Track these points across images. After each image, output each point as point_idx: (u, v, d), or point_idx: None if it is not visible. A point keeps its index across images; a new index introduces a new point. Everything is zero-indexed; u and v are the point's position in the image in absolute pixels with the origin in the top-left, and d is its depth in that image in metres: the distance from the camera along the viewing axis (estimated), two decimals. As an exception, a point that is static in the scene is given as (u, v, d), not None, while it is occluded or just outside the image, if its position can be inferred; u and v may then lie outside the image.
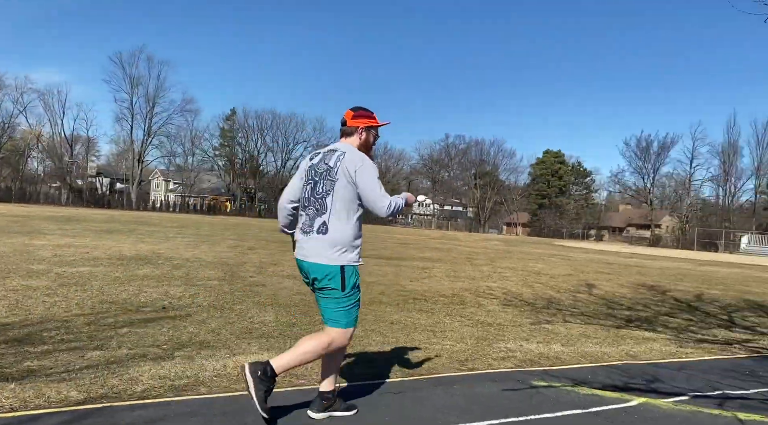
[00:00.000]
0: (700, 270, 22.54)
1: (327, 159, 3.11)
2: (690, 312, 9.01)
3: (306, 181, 3.15)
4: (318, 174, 3.10)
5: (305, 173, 3.18)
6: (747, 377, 4.61)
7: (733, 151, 71.87)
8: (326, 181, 3.04)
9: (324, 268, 2.97)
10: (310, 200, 3.09)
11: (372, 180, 3.01)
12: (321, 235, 3.00)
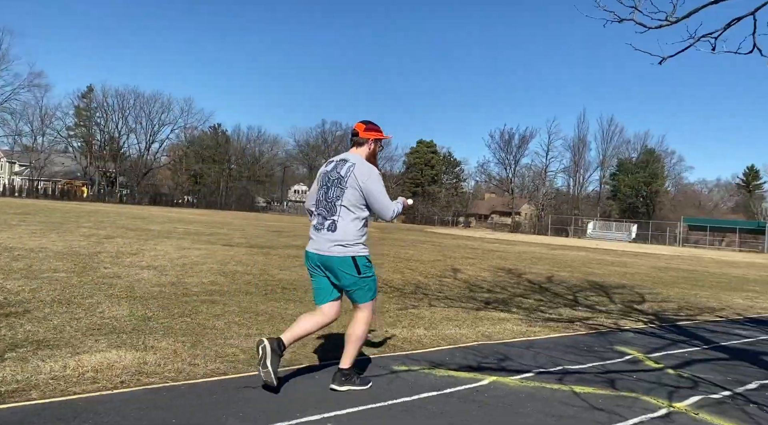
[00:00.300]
0: (552, 253, 24.59)
1: (339, 168, 3.57)
2: (541, 293, 9.77)
3: (320, 186, 3.64)
4: (330, 180, 3.58)
5: (323, 177, 3.65)
6: (585, 352, 5.07)
7: (582, 145, 79.21)
8: (336, 188, 3.53)
9: (337, 260, 3.46)
10: (323, 203, 3.60)
11: (379, 190, 3.53)
12: (330, 233, 3.51)
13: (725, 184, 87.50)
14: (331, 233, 3.51)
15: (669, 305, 9.41)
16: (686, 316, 8.11)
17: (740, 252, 54.93)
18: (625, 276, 14.88)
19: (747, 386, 4.13)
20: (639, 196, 75.31)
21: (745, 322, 7.88)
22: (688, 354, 5.31)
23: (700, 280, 15.85)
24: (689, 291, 12.26)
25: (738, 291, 13.20)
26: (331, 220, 3.53)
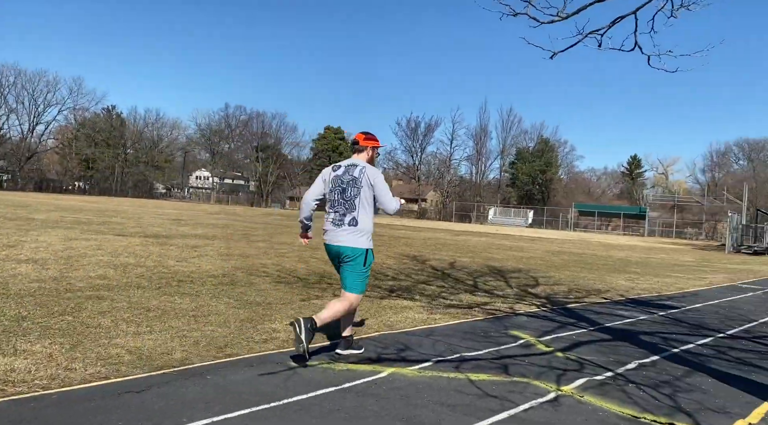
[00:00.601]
0: (455, 239, 25.34)
1: (351, 171, 4.25)
2: (443, 280, 10.00)
3: (333, 187, 4.25)
4: (345, 182, 4.21)
5: (331, 181, 4.28)
6: (481, 338, 5.20)
7: (484, 134, 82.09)
8: (353, 188, 4.18)
9: (354, 250, 4.17)
10: (340, 202, 4.22)
11: (386, 187, 4.25)
12: (353, 227, 4.16)
13: (611, 173, 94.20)
14: (354, 227, 4.19)
15: (560, 288, 9.94)
16: (575, 299, 8.60)
17: (624, 236, 59.48)
18: (521, 261, 15.60)
19: (627, 366, 4.41)
20: (535, 184, 79.35)
21: (627, 303, 8.48)
22: (575, 336, 5.60)
23: (588, 263, 16.93)
24: (578, 273, 13.05)
25: (621, 273, 14.22)
26: (351, 216, 4.20)
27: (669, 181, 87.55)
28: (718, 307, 8.61)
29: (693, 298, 9.58)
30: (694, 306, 8.54)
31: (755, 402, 3.59)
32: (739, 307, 8.79)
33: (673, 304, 8.63)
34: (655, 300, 9.04)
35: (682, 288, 11.32)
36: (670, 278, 13.54)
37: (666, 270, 16.20)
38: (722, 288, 11.96)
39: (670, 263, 20.45)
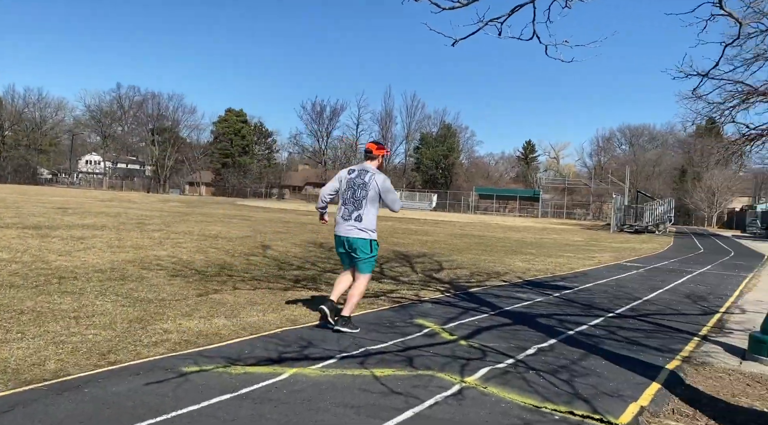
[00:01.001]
0: (362, 225, 25.40)
1: (362, 176, 5.04)
2: (349, 268, 9.89)
3: (347, 187, 5.04)
4: (356, 184, 5.02)
5: (345, 182, 5.07)
6: (387, 329, 5.13)
7: (389, 119, 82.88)
8: (362, 190, 4.98)
9: (357, 241, 4.95)
10: (351, 200, 5.02)
11: (392, 191, 5.11)
12: (357, 222, 4.97)
13: (508, 157, 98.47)
14: (358, 223, 4.99)
15: (462, 272, 10.15)
16: (476, 283, 8.79)
17: (520, 218, 62.51)
18: (426, 245, 15.84)
19: (527, 351, 4.50)
20: (438, 168, 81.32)
21: (524, 285, 8.79)
22: (477, 321, 5.68)
23: (488, 246, 17.52)
24: (479, 256, 13.44)
25: (518, 254, 14.83)
26: (358, 213, 5.00)
27: (560, 165, 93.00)
28: (607, 286, 9.15)
29: (584, 278, 10.12)
30: (585, 286, 9.01)
31: (645, 382, 3.76)
32: (624, 286, 9.39)
33: (566, 285, 9.06)
34: (550, 282, 9.45)
35: (573, 268, 11.95)
36: (563, 258, 14.29)
37: (558, 251, 17.10)
38: (609, 266, 12.77)
39: (561, 243, 21.65)
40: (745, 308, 7.63)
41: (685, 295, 8.57)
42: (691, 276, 11.59)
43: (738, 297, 8.64)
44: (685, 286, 9.72)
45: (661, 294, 8.51)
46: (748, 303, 8.14)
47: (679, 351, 4.78)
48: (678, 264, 14.27)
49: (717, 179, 60.33)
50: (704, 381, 3.94)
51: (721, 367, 4.31)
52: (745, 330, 6.04)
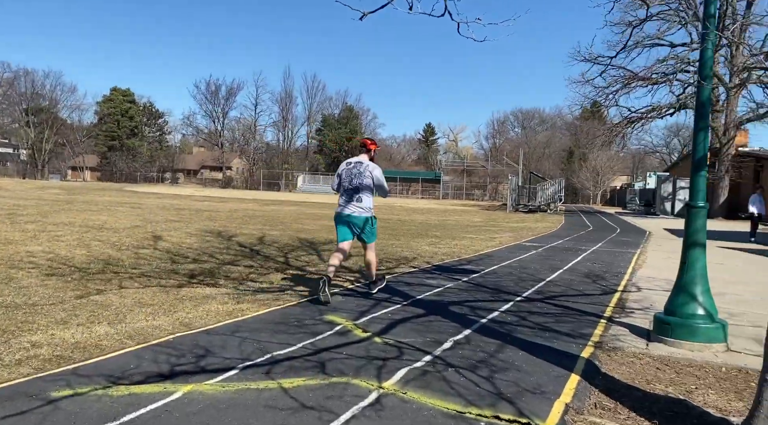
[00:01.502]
0: (264, 210, 24.52)
1: (359, 167, 6.21)
2: (252, 258, 9.33)
3: (346, 176, 6.20)
4: (354, 174, 6.17)
5: (345, 172, 6.25)
6: (295, 329, 4.74)
7: (290, 100, 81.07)
8: (356, 177, 6.14)
9: (359, 218, 6.14)
10: (350, 186, 6.17)
11: (382, 177, 6.27)
12: (359, 203, 6.14)
13: (410, 139, 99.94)
14: (359, 203, 6.11)
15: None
16: (386, 270, 8.58)
17: (422, 199, 63.73)
18: (332, 231, 15.45)
19: (444, 346, 4.30)
20: (342, 150, 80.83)
21: (433, 271, 8.70)
22: (390, 314, 5.43)
23: (394, 229, 17.48)
24: (386, 241, 13.29)
25: (424, 238, 14.87)
26: (358, 196, 6.11)
27: (458, 147, 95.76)
28: (511, 268, 9.28)
29: (489, 260, 10.24)
30: (491, 269, 9.08)
31: (564, 374, 3.67)
32: (527, 267, 9.58)
33: (473, 268, 9.09)
34: (457, 265, 9.44)
35: (477, 250, 12.11)
36: (466, 240, 14.50)
37: (461, 232, 17.40)
38: (510, 247, 13.09)
39: (464, 224, 22.13)
40: (640, 285, 7.99)
41: (585, 275, 8.87)
42: (586, 254, 12.12)
43: (632, 275, 9.07)
44: (583, 265, 10.10)
45: (562, 275, 8.75)
46: (642, 280, 8.55)
47: (589, 336, 4.80)
48: (572, 243, 14.95)
49: (601, 159, 64.74)
50: (618, 368, 3.93)
51: (631, 351, 4.34)
52: (644, 309, 6.26)
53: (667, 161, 74.54)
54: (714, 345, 4.42)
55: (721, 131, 31.99)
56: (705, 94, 4.64)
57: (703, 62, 4.63)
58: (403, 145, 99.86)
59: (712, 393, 3.48)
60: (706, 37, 4.56)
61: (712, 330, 4.44)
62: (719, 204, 32.73)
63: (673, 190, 36.85)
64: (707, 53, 4.60)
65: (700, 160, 4.67)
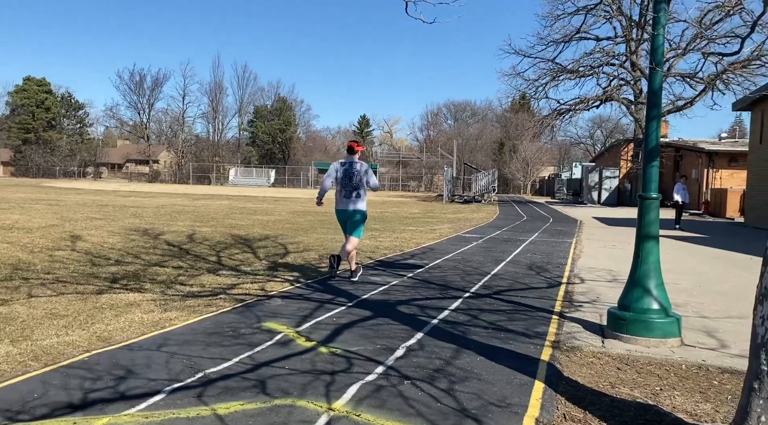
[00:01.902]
0: (194, 205, 23.45)
1: (353, 167, 6.91)
2: (181, 258, 8.69)
3: (343, 175, 6.88)
4: (348, 173, 6.87)
5: (340, 171, 6.92)
6: (231, 340, 4.28)
7: (220, 90, 78.45)
8: (355, 176, 6.86)
9: (358, 212, 6.92)
10: (349, 184, 6.89)
11: (373, 174, 6.99)
12: (358, 199, 6.91)
13: (344, 131, 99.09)
14: (358, 199, 6.91)
15: (310, 255, 9.47)
16: (327, 266, 8.18)
17: (359, 191, 63.26)
18: (267, 226, 14.87)
19: (396, 354, 3.97)
20: (275, 142, 79.25)
21: (377, 266, 8.37)
22: (335, 317, 5.06)
23: (333, 223, 16.98)
24: (325, 235, 12.87)
25: (365, 232, 14.53)
26: (356, 192, 6.88)
27: (393, 139, 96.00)
28: (455, 262, 9.10)
29: (432, 254, 10.02)
30: (435, 263, 8.86)
31: (528, 382, 3.42)
32: (470, 259, 9.44)
33: (417, 263, 8.83)
34: (401, 260, 9.17)
35: (419, 242, 11.90)
36: (407, 233, 14.29)
37: (401, 225, 17.20)
38: (451, 239, 12.97)
39: (402, 216, 21.98)
40: (582, 276, 7.98)
41: (528, 267, 8.80)
42: (525, 244, 12.16)
43: (572, 265, 9.09)
44: (524, 257, 10.07)
45: (506, 267, 8.64)
46: (583, 270, 8.56)
47: (544, 334, 4.61)
48: (510, 233, 15.03)
49: (530, 151, 66.52)
50: (580, 370, 3.73)
51: (589, 351, 4.17)
52: (591, 301, 6.18)
53: (592, 152, 77.60)
54: (669, 339, 4.33)
55: (644, 122, 33.38)
56: (657, 81, 4.52)
57: (655, 48, 4.51)
58: (338, 136, 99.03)
59: (677, 395, 3.33)
60: (657, 22, 4.43)
61: (667, 324, 4.34)
62: (643, 192, 34.24)
63: (599, 179, 38.24)
64: (659, 39, 4.48)
65: (652, 150, 4.56)
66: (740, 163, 29.49)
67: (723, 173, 28.74)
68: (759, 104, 20.03)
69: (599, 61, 33.78)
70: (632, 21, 33.46)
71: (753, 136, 20.84)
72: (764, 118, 19.58)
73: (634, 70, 33.65)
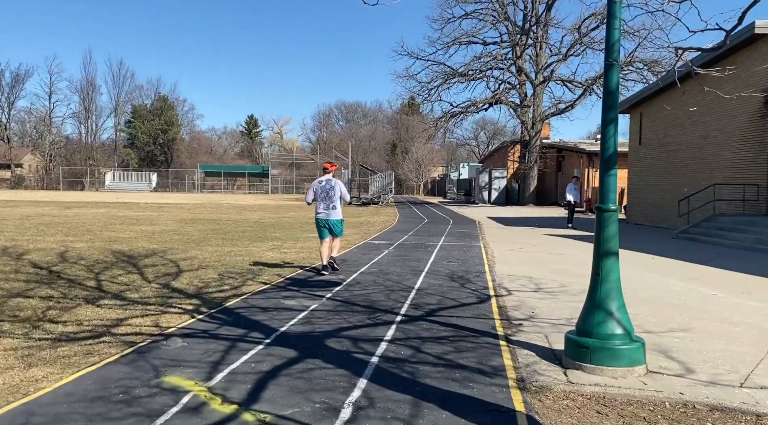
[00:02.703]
0: (66, 215, 20.94)
1: (329, 183, 8.46)
2: (51, 284, 7.27)
3: (321, 191, 8.44)
4: (325, 189, 8.44)
5: (319, 188, 8.47)
6: (122, 407, 3.27)
7: (92, 89, 72.31)
8: (331, 191, 8.41)
9: (337, 220, 8.48)
10: (327, 199, 8.40)
11: (345, 189, 8.64)
12: (334, 210, 8.43)
13: (231, 132, 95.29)
14: (335, 210, 8.45)
15: (208, 274, 8.36)
16: (231, 290, 7.18)
17: (251, 195, 61.16)
18: (153, 238, 13.35)
19: (342, 416, 3.20)
20: (157, 144, 74.50)
21: (289, 286, 7.49)
22: (254, 363, 4.17)
23: (228, 232, 15.77)
24: (222, 247, 11.71)
25: (265, 241, 13.49)
26: (333, 205, 8.44)
27: (284, 140, 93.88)
28: (374, 276, 8.43)
29: (345, 266, 9.29)
30: (352, 278, 8.14)
31: (516, 448, 2.80)
32: (388, 272, 8.82)
33: (332, 279, 8.07)
34: (313, 276, 8.35)
35: (327, 253, 11.10)
36: (311, 241, 13.45)
37: (303, 232, 16.30)
38: (361, 248, 12.31)
39: (302, 221, 21.02)
40: (506, 286, 7.63)
41: (449, 277, 8.34)
42: (437, 251, 11.79)
43: (492, 273, 8.76)
44: (441, 265, 9.63)
45: (427, 280, 8.11)
46: (504, 279, 8.24)
47: (502, 369, 4.05)
48: (418, 238, 14.67)
49: (422, 152, 67.72)
50: (559, 419, 3.19)
51: (559, 390, 3.65)
52: (529, 318, 5.77)
53: (476, 153, 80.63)
54: (636, 368, 3.93)
55: (530, 124, 34.87)
56: (613, 80, 4.12)
57: (611, 44, 4.10)
58: (225, 137, 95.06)
59: (679, 445, 2.87)
60: (612, 15, 4.03)
61: (633, 351, 3.94)
62: (530, 192, 35.77)
63: (489, 180, 39.48)
64: (614, 35, 4.08)
65: (609, 157, 4.16)
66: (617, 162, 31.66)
67: (602, 172, 30.61)
68: (637, 107, 21.36)
69: (488, 65, 34.81)
70: (517, 26, 34.82)
71: (632, 136, 22.22)
72: (642, 120, 20.91)
73: (519, 74, 35.02)
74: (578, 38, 32.62)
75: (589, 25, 32.76)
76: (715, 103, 16.30)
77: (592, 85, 32.71)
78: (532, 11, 34.02)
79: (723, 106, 15.89)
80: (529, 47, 34.64)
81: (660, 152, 19.49)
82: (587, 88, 33.14)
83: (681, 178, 18.00)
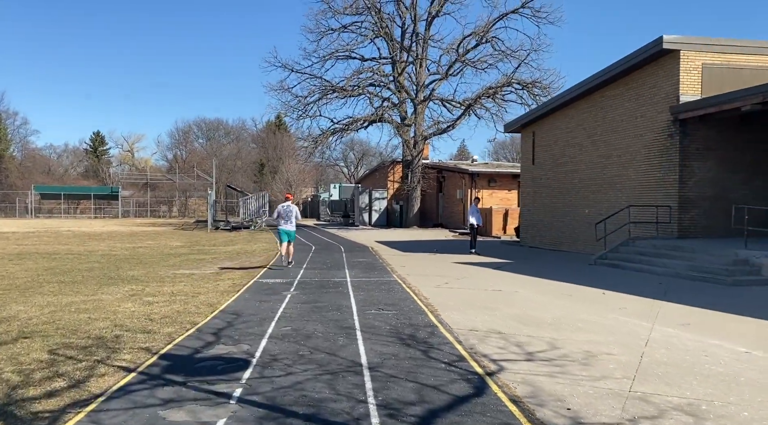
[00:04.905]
0: None
1: (289, 208, 13.44)
2: None
3: (284, 212, 13.35)
4: (286, 212, 13.37)
5: (283, 210, 13.39)
6: None
7: None
8: (290, 213, 13.38)
9: (293, 231, 13.52)
10: (287, 217, 13.29)
11: (299, 213, 13.93)
12: (291, 224, 13.37)
13: (74, 149, 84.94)
14: (291, 225, 13.30)
15: (33, 353, 5.31)
16: (69, 386, 4.31)
17: (97, 219, 54.15)
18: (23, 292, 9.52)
19: None
20: (-20, 161, 63.73)
21: (165, 374, 4.73)
22: None
23: (67, 271, 12.15)
24: (58, 298, 8.42)
25: (119, 284, 10.28)
26: (291, 221, 13.27)
27: (135, 159, 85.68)
28: (293, 345, 5.91)
29: (244, 327, 6.65)
30: (262, 349, 5.56)
31: None
32: (309, 335, 6.35)
33: (232, 355, 5.44)
34: (203, 351, 5.64)
35: (212, 303, 8.32)
36: (184, 283, 10.48)
37: (168, 267, 13.11)
38: (253, 292, 9.59)
39: (164, 253, 17.57)
40: (484, 352, 5.55)
41: (397, 339, 6.08)
42: (352, 292, 9.46)
43: (448, 330, 6.63)
44: (373, 317, 7.33)
45: (372, 346, 5.78)
46: (471, 338, 6.17)
47: None
48: (317, 274, 12.21)
49: (292, 171, 64.89)
50: None
51: None
52: (572, 419, 3.69)
53: (345, 173, 79.39)
54: None
55: (412, 143, 33.84)
56: None
57: None
58: (65, 156, 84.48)
59: None
60: None
61: None
62: (413, 213, 34.64)
63: (369, 201, 37.89)
64: None
65: None
66: (497, 183, 31.55)
67: (484, 193, 30.20)
68: (529, 127, 20.84)
69: (368, 81, 33.37)
70: (397, 42, 33.83)
71: (524, 156, 21.67)
72: (535, 139, 20.37)
73: (400, 92, 33.98)
74: (459, 56, 32.33)
75: (467, 44, 32.67)
76: (617, 122, 15.87)
77: (472, 104, 32.53)
78: (413, 28, 33.27)
79: (626, 125, 15.47)
80: (410, 65, 33.80)
81: (556, 173, 18.95)
82: (468, 107, 32.90)
83: (582, 199, 17.45)
